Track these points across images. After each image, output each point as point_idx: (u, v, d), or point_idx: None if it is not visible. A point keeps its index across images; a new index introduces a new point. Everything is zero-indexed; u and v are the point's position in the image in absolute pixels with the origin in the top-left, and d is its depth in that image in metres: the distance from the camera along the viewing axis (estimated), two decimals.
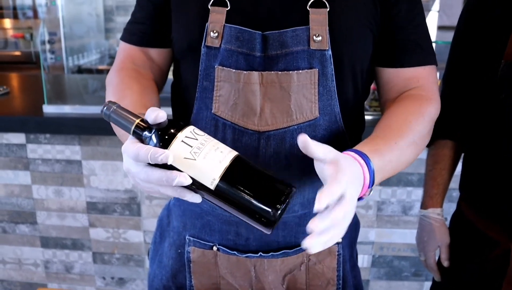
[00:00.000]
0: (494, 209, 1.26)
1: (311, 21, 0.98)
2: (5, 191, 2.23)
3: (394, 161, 0.94)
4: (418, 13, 1.08)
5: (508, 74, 1.16)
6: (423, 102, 1.03)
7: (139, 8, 1.15)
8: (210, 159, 0.75)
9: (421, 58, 1.06)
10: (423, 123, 1.01)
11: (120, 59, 1.13)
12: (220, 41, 1.01)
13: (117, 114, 0.79)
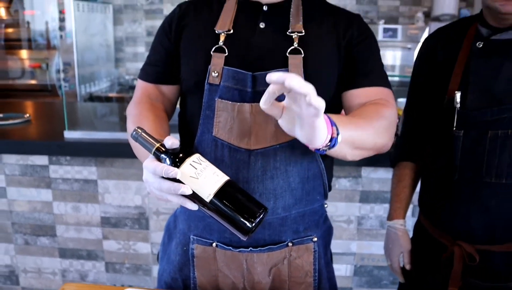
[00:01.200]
0: (443, 220, 1.48)
1: (290, 64, 1.23)
2: (29, 207, 2.44)
3: (355, 127, 1.12)
4: (375, 51, 1.34)
5: (450, 107, 1.41)
6: (381, 106, 1.24)
7: (153, 52, 1.41)
8: (208, 179, 1.01)
9: (376, 81, 1.29)
10: (381, 119, 1.20)
11: (138, 94, 1.39)
12: (220, 80, 1.25)
13: (142, 138, 1.05)
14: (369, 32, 1.34)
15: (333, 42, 1.29)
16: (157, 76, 1.39)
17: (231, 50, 1.27)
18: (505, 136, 1.32)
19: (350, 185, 2.23)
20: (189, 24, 1.35)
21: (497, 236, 1.39)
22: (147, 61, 1.42)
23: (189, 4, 1.39)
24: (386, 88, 1.30)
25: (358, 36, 1.30)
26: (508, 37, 1.34)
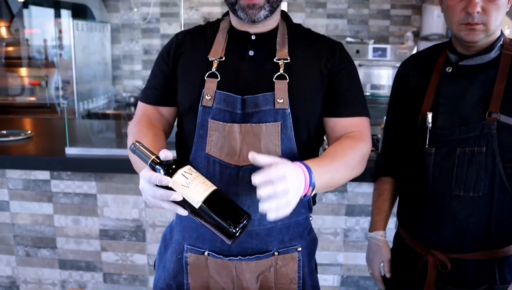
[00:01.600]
0: (418, 231, 1.61)
1: (276, 89, 1.36)
2: (31, 220, 2.55)
3: (330, 173, 1.29)
4: (355, 78, 1.48)
5: (423, 127, 1.54)
6: (357, 140, 1.39)
7: (153, 77, 1.54)
8: (198, 188, 1.13)
9: (355, 111, 1.44)
10: (355, 154, 1.37)
11: (138, 114, 1.52)
12: (213, 102, 1.38)
13: (140, 150, 1.17)
14: (349, 61, 1.48)
15: (316, 69, 1.42)
16: (156, 99, 1.51)
17: (223, 76, 1.40)
18: (471, 153, 1.45)
19: (337, 199, 2.35)
20: (185, 52, 1.48)
21: (466, 245, 1.51)
22: (147, 85, 1.55)
23: (186, 33, 1.53)
24: (363, 116, 1.45)
25: (339, 64, 1.44)
26: (474, 63, 1.48)
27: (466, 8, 1.37)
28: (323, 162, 1.30)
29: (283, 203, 1.12)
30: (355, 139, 1.40)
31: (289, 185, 1.12)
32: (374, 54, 4.90)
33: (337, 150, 1.37)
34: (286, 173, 1.13)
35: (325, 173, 1.27)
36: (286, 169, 1.14)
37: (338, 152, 1.36)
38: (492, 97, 1.44)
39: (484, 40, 1.43)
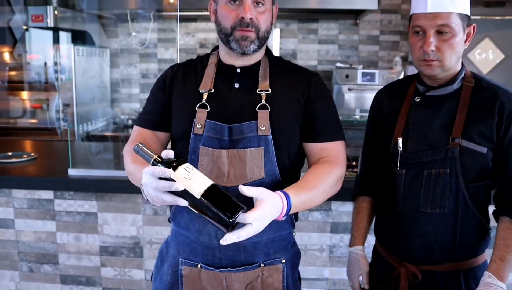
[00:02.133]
0: (391, 244, 1.76)
1: (259, 117, 1.54)
2: (34, 237, 2.69)
3: (307, 201, 1.46)
4: (330, 106, 1.65)
5: (394, 151, 1.70)
6: (332, 165, 1.56)
7: (149, 104, 1.70)
8: (198, 181, 1.27)
9: (330, 137, 1.61)
10: (330, 178, 1.53)
11: (134, 136, 1.68)
12: (203, 130, 1.54)
13: (143, 151, 1.31)
14: (325, 91, 1.65)
15: (294, 99, 1.60)
16: (152, 123, 1.67)
17: (212, 106, 1.57)
18: (437, 174, 1.61)
19: (322, 217, 2.49)
20: (178, 83, 1.65)
21: (435, 257, 1.66)
22: (143, 111, 1.71)
23: (179, 66, 1.70)
24: (338, 141, 1.63)
25: (315, 94, 1.61)
26: (438, 94, 1.65)
27: (423, 46, 1.55)
28: (302, 190, 1.46)
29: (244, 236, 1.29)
30: (330, 163, 1.56)
31: (266, 221, 1.32)
32: (363, 78, 5.07)
33: (315, 175, 1.53)
34: (266, 213, 1.32)
35: (302, 200, 1.44)
36: (268, 208, 1.32)
37: (315, 177, 1.52)
38: (454, 124, 1.60)
39: (444, 74, 1.60)
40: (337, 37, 5.72)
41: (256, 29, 1.55)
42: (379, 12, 5.60)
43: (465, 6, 1.57)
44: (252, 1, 1.54)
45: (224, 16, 1.57)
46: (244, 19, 1.53)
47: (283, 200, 1.37)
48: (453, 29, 1.53)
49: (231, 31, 1.56)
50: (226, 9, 1.57)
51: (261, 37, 1.58)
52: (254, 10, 1.54)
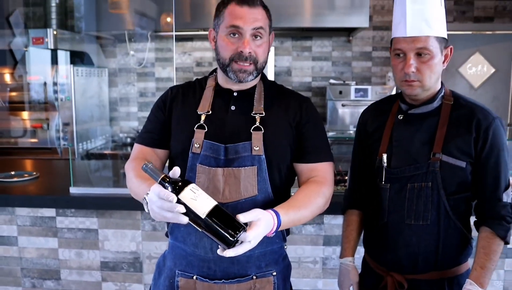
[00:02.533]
0: (378, 255, 1.85)
1: (253, 138, 1.64)
2: (37, 253, 2.76)
3: (295, 219, 1.56)
4: (319, 129, 1.75)
5: (380, 166, 1.80)
6: (320, 185, 1.66)
7: (149, 123, 1.79)
8: (204, 202, 1.36)
9: (319, 158, 1.71)
10: (319, 198, 1.63)
11: (135, 153, 1.76)
12: (201, 150, 1.64)
13: (151, 169, 1.38)
14: (315, 114, 1.76)
15: (286, 122, 1.70)
16: (152, 141, 1.76)
17: (210, 127, 1.67)
18: (420, 188, 1.71)
19: (315, 230, 2.58)
20: (178, 105, 1.75)
21: (419, 266, 1.75)
22: (143, 130, 1.81)
23: (178, 88, 1.80)
24: (327, 162, 1.73)
25: (305, 117, 1.72)
26: (420, 112, 1.75)
27: (404, 68, 1.66)
28: (291, 209, 1.56)
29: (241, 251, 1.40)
30: (319, 183, 1.67)
31: (260, 238, 1.43)
32: (356, 94, 5.18)
33: (304, 195, 1.63)
34: (261, 232, 1.42)
35: (290, 218, 1.55)
36: (263, 227, 1.43)
37: (304, 197, 1.62)
38: (435, 140, 1.70)
39: (425, 93, 1.71)
40: (331, 54, 5.84)
41: (254, 61, 1.64)
42: (371, 29, 5.73)
43: (442, 29, 1.68)
44: (251, 35, 1.63)
45: (223, 47, 1.66)
46: (243, 53, 1.62)
47: (274, 219, 1.47)
48: (431, 51, 1.64)
49: (229, 62, 1.65)
50: (225, 40, 1.65)
51: (259, 68, 1.68)
52: (253, 44, 1.63)
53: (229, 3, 1.66)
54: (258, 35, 1.64)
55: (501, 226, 1.67)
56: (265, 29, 1.66)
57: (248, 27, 1.62)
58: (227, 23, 1.64)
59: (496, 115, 1.72)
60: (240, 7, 1.63)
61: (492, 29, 5.96)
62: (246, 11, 1.63)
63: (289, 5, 4.73)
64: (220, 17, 1.68)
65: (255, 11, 1.64)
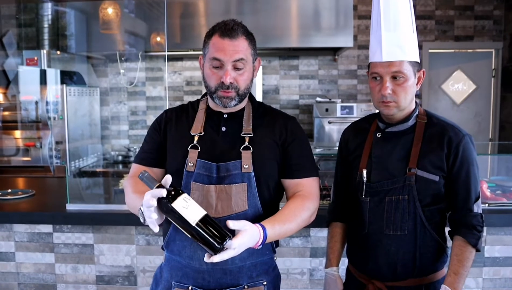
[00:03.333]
0: (360, 264, 1.96)
1: (243, 157, 1.76)
2: (34, 268, 2.84)
3: (281, 232, 1.68)
4: (304, 146, 1.87)
5: (360, 181, 1.92)
6: (306, 200, 1.78)
7: (146, 143, 1.91)
8: (194, 211, 1.47)
9: (305, 174, 1.83)
10: (304, 212, 1.75)
11: (133, 171, 1.88)
12: (194, 168, 1.76)
13: (147, 177, 1.51)
14: (300, 133, 1.89)
15: (273, 140, 1.83)
16: (150, 161, 1.88)
17: (202, 147, 1.79)
18: (397, 200, 1.83)
19: (302, 243, 2.70)
20: (172, 127, 1.88)
21: (398, 274, 1.87)
22: (141, 150, 1.93)
23: (172, 111, 1.93)
24: (313, 177, 1.85)
25: (291, 136, 1.85)
26: (396, 130, 1.89)
27: (381, 90, 1.80)
28: (277, 223, 1.68)
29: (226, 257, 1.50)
30: (304, 198, 1.79)
31: (244, 248, 1.54)
32: (342, 111, 5.34)
33: (290, 209, 1.75)
34: (245, 242, 1.53)
35: (276, 232, 1.67)
36: (247, 237, 1.54)
37: (290, 211, 1.75)
38: (411, 156, 1.83)
39: (400, 113, 1.85)
40: (317, 72, 6.00)
41: (235, 89, 1.77)
42: (356, 48, 5.91)
43: (415, 54, 1.82)
44: (232, 67, 1.75)
45: (208, 77, 1.80)
46: (224, 84, 1.74)
47: (260, 232, 1.59)
48: (405, 74, 1.78)
49: (215, 90, 1.78)
50: (210, 71, 1.78)
51: (241, 94, 1.79)
52: (234, 73, 1.76)
53: (213, 34, 1.78)
54: (238, 67, 1.76)
55: (473, 234, 1.80)
56: (246, 59, 1.77)
57: (228, 59, 1.73)
58: (211, 55, 1.76)
59: (466, 132, 1.85)
60: (222, 40, 1.74)
61: (472, 47, 6.16)
62: (227, 43, 1.74)
63: (276, 26, 4.89)
64: (206, 48, 1.80)
65: (236, 43, 1.75)
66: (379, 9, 1.83)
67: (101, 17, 4.98)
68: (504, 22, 6.05)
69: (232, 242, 1.48)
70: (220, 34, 1.76)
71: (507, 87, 6.08)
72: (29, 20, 5.82)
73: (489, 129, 6.35)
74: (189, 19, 5.03)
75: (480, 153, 3.42)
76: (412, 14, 1.84)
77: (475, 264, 2.62)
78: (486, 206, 2.63)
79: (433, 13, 6.05)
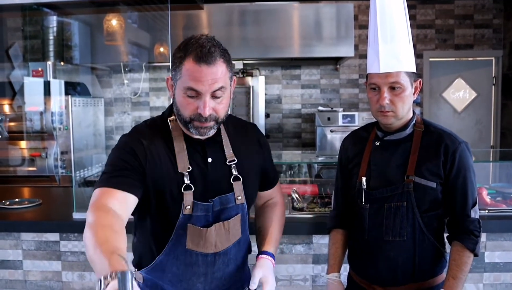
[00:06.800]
0: (361, 269, 2.01)
1: (235, 189, 1.73)
2: (41, 276, 2.88)
3: (278, 244, 1.80)
4: (271, 160, 1.96)
5: (360, 188, 1.97)
6: (278, 206, 1.98)
7: (118, 166, 1.61)
8: None
9: (273, 183, 1.98)
10: (282, 217, 1.95)
11: (102, 199, 1.54)
12: (192, 210, 1.64)
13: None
14: (267, 144, 1.94)
15: (253, 159, 1.83)
16: (125, 184, 1.56)
17: (194, 185, 1.65)
18: (396, 207, 1.88)
19: (304, 249, 2.74)
20: (152, 163, 1.63)
21: (398, 279, 1.91)
22: (108, 175, 1.60)
23: (145, 137, 1.67)
24: (277, 184, 2.01)
25: (265, 151, 1.91)
26: (394, 138, 1.94)
27: (379, 100, 1.85)
28: (275, 241, 1.86)
29: None
30: (277, 205, 1.99)
31: (274, 284, 1.71)
32: (344, 120, 5.39)
33: (277, 224, 1.93)
34: (272, 279, 1.72)
35: (276, 247, 1.84)
36: (271, 276, 1.73)
37: (275, 224, 1.92)
38: (408, 164, 1.88)
39: (398, 122, 1.90)
40: (319, 81, 6.07)
41: (214, 119, 1.60)
42: (357, 57, 5.97)
43: (411, 65, 1.87)
44: (211, 96, 1.57)
45: (182, 106, 1.59)
46: (202, 116, 1.56)
47: (271, 259, 1.75)
48: (402, 85, 1.83)
49: (190, 120, 1.59)
50: (184, 100, 1.58)
51: (220, 122, 1.64)
52: (212, 103, 1.57)
53: (186, 57, 1.55)
54: (217, 94, 1.58)
55: (470, 240, 1.85)
56: (225, 86, 1.59)
57: (207, 90, 1.55)
58: (185, 83, 1.56)
59: (462, 140, 1.90)
60: (198, 66, 1.52)
61: (472, 55, 6.22)
62: (205, 71, 1.53)
63: (278, 37, 4.96)
64: (177, 70, 1.58)
65: (214, 69, 1.54)
66: (376, 21, 1.88)
67: (105, 29, 5.05)
68: (504, 31, 6.11)
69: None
70: (195, 59, 1.53)
71: (507, 95, 6.13)
72: (34, 32, 5.91)
73: (490, 136, 6.39)
74: (192, 30, 5.11)
75: (481, 160, 3.47)
76: (408, 25, 1.90)
77: (476, 270, 2.66)
78: (486, 212, 2.66)
79: (433, 22, 6.12)
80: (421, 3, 6.08)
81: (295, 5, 5.14)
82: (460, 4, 6.11)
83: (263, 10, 5.01)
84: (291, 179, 3.93)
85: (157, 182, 1.64)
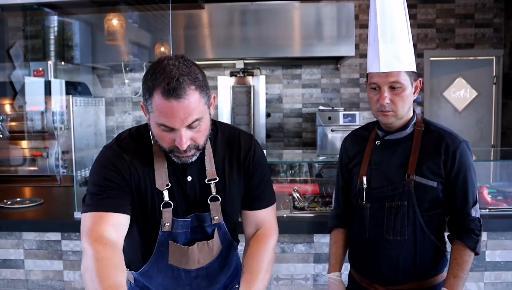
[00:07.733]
0: (362, 268, 2.02)
1: (211, 209, 1.67)
2: (43, 275, 2.89)
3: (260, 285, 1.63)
4: (265, 175, 1.79)
5: (360, 188, 1.98)
6: (267, 238, 1.75)
7: (107, 187, 1.56)
8: None
9: (264, 204, 1.80)
10: (271, 253, 1.73)
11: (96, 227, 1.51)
12: (171, 227, 1.63)
13: None
14: (261, 159, 1.79)
15: (237, 177, 1.73)
16: (121, 207, 1.56)
17: (174, 202, 1.64)
18: (397, 207, 1.89)
19: (305, 249, 2.74)
20: (135, 177, 1.61)
21: (399, 278, 1.92)
22: (97, 197, 1.55)
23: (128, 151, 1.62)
24: (270, 206, 1.81)
25: (254, 166, 1.75)
26: (395, 138, 1.95)
27: (379, 100, 1.86)
28: (255, 282, 1.62)
29: None
30: (266, 238, 1.77)
31: None
32: (345, 120, 5.39)
33: (260, 263, 1.69)
34: None
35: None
36: None
37: (261, 263, 1.69)
38: (409, 163, 1.89)
39: (398, 121, 1.90)
40: (320, 81, 6.07)
41: (195, 147, 1.54)
42: (357, 57, 5.97)
43: (411, 64, 1.88)
44: (187, 128, 1.48)
45: (159, 138, 1.53)
46: (180, 149, 1.51)
47: None
48: (403, 84, 1.84)
49: (169, 151, 1.55)
50: (160, 132, 1.51)
51: (202, 147, 1.58)
52: (189, 133, 1.50)
53: (155, 89, 1.44)
54: (194, 125, 1.49)
55: (471, 238, 1.85)
56: (201, 115, 1.49)
57: (181, 125, 1.46)
58: (157, 119, 1.47)
59: (463, 139, 1.90)
60: (168, 102, 1.42)
61: (473, 55, 6.22)
62: (175, 106, 1.42)
63: (279, 36, 4.97)
64: (148, 102, 1.49)
65: (185, 102, 1.43)
66: (376, 21, 1.89)
67: (106, 28, 5.05)
68: (504, 30, 6.11)
69: None
70: (164, 94, 1.42)
71: (508, 94, 6.13)
72: (35, 32, 5.92)
73: (491, 135, 6.39)
74: (193, 30, 5.12)
75: (482, 159, 3.48)
76: (408, 25, 1.90)
77: (477, 269, 2.67)
78: (487, 212, 2.67)
79: (434, 22, 6.12)
80: (421, 3, 6.08)
81: (296, 4, 5.14)
82: (461, 4, 6.11)
83: (264, 9, 5.02)
84: (292, 178, 3.93)
85: (140, 197, 1.62)
